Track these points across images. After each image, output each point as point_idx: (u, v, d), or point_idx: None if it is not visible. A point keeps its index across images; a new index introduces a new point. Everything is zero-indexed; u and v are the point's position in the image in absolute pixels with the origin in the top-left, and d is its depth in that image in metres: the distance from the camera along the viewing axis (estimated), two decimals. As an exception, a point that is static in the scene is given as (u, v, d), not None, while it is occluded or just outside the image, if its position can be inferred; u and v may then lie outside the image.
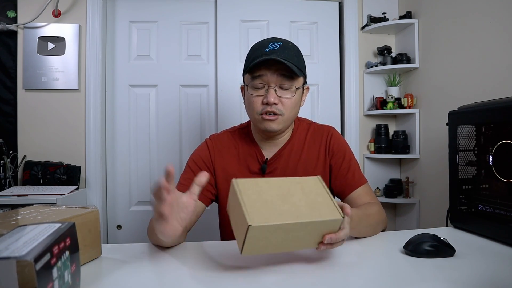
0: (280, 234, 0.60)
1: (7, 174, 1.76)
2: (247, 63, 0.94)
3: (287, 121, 0.96)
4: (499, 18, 1.42)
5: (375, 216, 0.90)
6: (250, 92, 0.94)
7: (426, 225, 1.92)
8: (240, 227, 0.60)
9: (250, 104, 0.95)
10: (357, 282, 0.62)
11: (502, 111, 0.84)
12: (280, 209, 0.61)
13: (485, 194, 0.92)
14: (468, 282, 0.60)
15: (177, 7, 2.05)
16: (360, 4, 2.13)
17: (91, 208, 0.73)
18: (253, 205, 0.60)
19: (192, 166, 1.01)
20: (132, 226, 2.01)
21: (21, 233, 0.50)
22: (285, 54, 0.90)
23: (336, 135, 1.05)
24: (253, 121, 1.00)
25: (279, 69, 0.90)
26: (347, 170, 1.00)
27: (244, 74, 0.98)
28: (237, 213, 0.62)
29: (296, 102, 0.95)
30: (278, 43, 0.92)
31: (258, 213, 0.59)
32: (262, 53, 0.90)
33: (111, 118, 2.03)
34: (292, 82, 0.92)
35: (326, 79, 2.13)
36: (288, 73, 0.91)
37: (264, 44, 0.93)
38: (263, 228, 0.57)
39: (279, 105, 0.92)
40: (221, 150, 1.04)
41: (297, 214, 0.61)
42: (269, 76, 0.90)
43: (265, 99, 0.91)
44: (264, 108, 0.92)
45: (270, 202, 0.62)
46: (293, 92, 0.93)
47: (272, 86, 0.91)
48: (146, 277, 0.64)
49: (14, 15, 1.89)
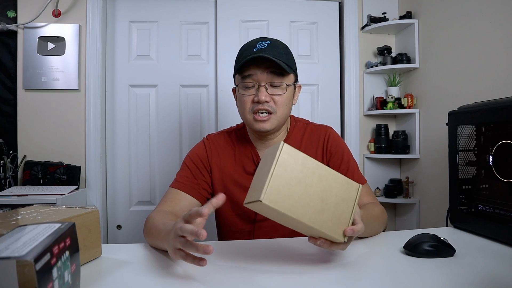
0: (286, 218, 0.60)
1: (7, 174, 1.76)
2: (237, 64, 0.95)
3: (280, 119, 0.95)
4: (499, 18, 1.42)
5: (379, 217, 0.91)
6: (240, 92, 0.95)
7: (426, 225, 1.92)
8: (256, 190, 0.59)
9: (241, 104, 0.95)
10: (357, 282, 0.62)
11: (502, 111, 0.84)
12: (301, 201, 0.59)
13: (485, 194, 0.92)
14: (468, 282, 0.60)
15: (177, 7, 2.05)
16: (360, 4, 2.13)
17: (91, 208, 0.73)
18: (279, 180, 0.58)
19: (189, 164, 1.01)
20: (132, 226, 2.01)
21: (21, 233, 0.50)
22: (274, 52, 0.90)
23: (334, 135, 1.05)
24: (245, 122, 1.00)
25: (268, 67, 0.90)
26: (346, 170, 1.00)
27: (235, 76, 0.99)
28: (262, 173, 0.61)
29: (287, 99, 0.95)
30: (266, 42, 0.92)
31: (276, 191, 0.57)
32: (251, 52, 0.90)
33: (111, 118, 2.03)
34: (282, 79, 0.92)
35: (326, 79, 2.13)
36: (277, 71, 0.91)
37: (253, 44, 0.93)
38: (270, 208, 0.57)
39: (271, 103, 0.92)
40: (218, 149, 1.04)
41: (309, 215, 0.60)
42: (259, 74, 0.91)
43: (256, 98, 0.91)
44: (255, 106, 0.92)
45: (297, 186, 0.59)
46: (284, 89, 0.93)
47: (263, 84, 0.91)
48: (146, 277, 0.64)
49: (14, 15, 1.89)
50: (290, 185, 0.59)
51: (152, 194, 2.03)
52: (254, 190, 0.61)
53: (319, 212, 0.61)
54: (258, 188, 0.59)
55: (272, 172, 0.58)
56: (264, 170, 0.61)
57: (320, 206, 0.61)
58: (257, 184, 0.60)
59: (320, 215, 0.61)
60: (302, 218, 0.59)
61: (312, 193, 0.61)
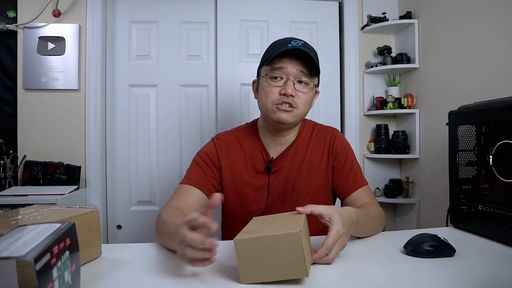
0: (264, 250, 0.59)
1: (7, 174, 1.76)
2: (268, 55, 0.96)
3: (300, 116, 0.97)
4: (499, 18, 1.42)
5: (375, 216, 0.91)
6: (268, 82, 0.96)
7: (426, 225, 1.92)
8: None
9: (266, 93, 0.96)
10: (357, 282, 0.62)
11: (502, 111, 0.84)
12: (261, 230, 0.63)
13: (485, 194, 0.92)
14: (468, 282, 0.60)
15: (177, 7, 2.05)
16: (360, 4, 2.13)
17: (91, 208, 0.73)
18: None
19: (199, 161, 1.02)
20: (132, 226, 2.01)
21: (21, 233, 0.50)
22: (308, 50, 0.93)
23: (340, 137, 1.07)
24: (265, 113, 0.99)
25: (299, 64, 0.93)
26: (349, 170, 1.02)
27: (261, 67, 1.00)
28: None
29: (310, 99, 0.98)
30: (301, 42, 0.95)
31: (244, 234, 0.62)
32: (286, 47, 0.92)
33: (111, 118, 2.03)
34: (310, 78, 0.95)
35: (326, 79, 2.13)
36: (307, 71, 0.94)
37: (287, 41, 0.96)
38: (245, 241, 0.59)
39: (296, 98, 0.94)
40: (228, 148, 1.05)
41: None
42: (290, 69, 0.93)
43: (283, 90, 0.93)
44: (281, 98, 0.94)
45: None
46: (310, 89, 0.96)
47: (291, 78, 0.93)
48: (146, 277, 0.64)
49: (14, 15, 1.89)
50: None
51: (152, 194, 2.03)
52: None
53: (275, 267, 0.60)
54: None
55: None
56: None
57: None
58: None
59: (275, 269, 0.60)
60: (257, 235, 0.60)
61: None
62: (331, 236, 0.66)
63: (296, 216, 0.68)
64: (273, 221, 0.69)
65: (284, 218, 0.69)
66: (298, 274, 0.58)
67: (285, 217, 0.70)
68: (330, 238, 0.66)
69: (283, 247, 0.58)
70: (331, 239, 0.66)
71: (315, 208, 0.70)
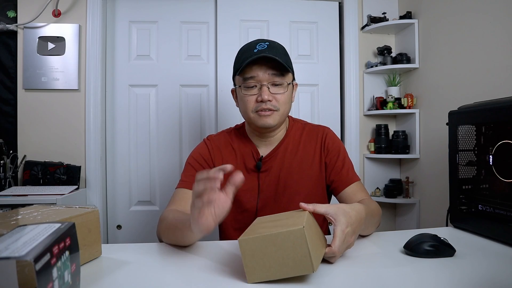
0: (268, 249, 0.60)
1: (7, 174, 1.76)
2: (238, 65, 0.97)
3: (282, 116, 0.99)
4: (499, 18, 1.42)
5: (376, 212, 0.92)
6: (243, 92, 0.97)
7: (426, 225, 1.92)
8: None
9: (244, 103, 0.98)
10: (357, 282, 0.62)
11: (502, 111, 0.84)
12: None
13: (485, 194, 0.92)
14: (468, 282, 0.60)
15: (177, 7, 2.05)
16: (360, 4, 2.13)
17: (91, 208, 0.73)
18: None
19: (193, 163, 1.03)
20: (132, 226, 2.01)
21: (21, 233, 0.50)
22: (274, 52, 0.94)
23: (331, 134, 1.08)
24: (248, 121, 1.02)
25: (269, 67, 0.94)
26: (341, 166, 1.03)
27: (235, 77, 1.01)
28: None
29: (288, 97, 0.99)
30: (266, 43, 0.96)
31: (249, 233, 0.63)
32: (252, 53, 0.93)
33: (111, 118, 2.03)
34: (283, 78, 0.96)
35: (326, 79, 2.13)
36: (278, 71, 0.95)
37: (252, 46, 0.97)
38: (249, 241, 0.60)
39: (274, 102, 0.96)
40: (220, 149, 1.06)
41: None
42: (261, 75, 0.94)
43: (259, 97, 0.95)
44: (259, 106, 0.95)
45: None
46: (285, 88, 0.97)
47: (265, 84, 0.94)
48: (146, 277, 0.64)
49: (14, 15, 1.89)
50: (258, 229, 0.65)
51: (152, 194, 2.03)
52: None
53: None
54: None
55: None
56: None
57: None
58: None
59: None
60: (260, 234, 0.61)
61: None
62: (337, 239, 0.65)
63: (300, 213, 0.68)
64: (277, 219, 0.69)
65: (288, 216, 0.69)
66: (304, 271, 0.58)
67: (289, 215, 0.70)
68: (336, 241, 0.65)
69: (288, 244, 0.58)
70: (337, 242, 0.65)
71: (318, 207, 0.69)
